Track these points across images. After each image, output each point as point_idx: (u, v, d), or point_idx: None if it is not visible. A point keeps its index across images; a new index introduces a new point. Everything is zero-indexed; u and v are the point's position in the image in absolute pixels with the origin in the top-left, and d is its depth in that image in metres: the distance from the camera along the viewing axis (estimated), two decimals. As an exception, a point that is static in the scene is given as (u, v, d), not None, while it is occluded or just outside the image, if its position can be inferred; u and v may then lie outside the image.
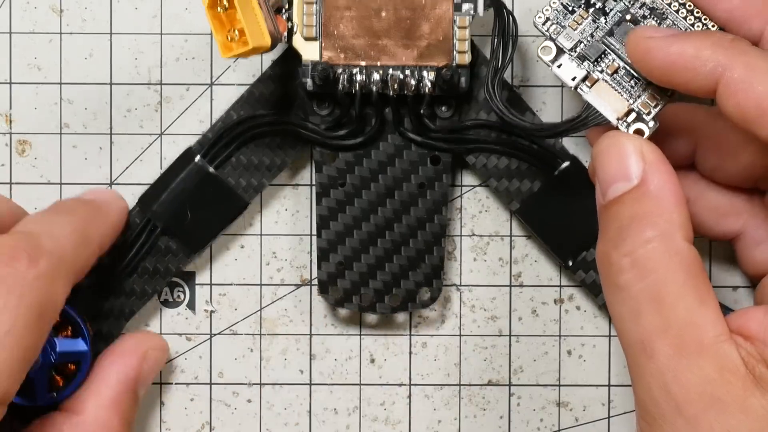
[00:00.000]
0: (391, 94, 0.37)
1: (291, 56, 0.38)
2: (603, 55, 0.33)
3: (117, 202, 0.39)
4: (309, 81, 0.37)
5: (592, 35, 0.34)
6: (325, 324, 0.41)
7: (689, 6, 0.33)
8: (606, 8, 0.34)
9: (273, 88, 0.39)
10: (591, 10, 0.34)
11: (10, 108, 0.41)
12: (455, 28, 0.37)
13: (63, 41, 0.41)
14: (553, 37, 0.34)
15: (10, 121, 0.41)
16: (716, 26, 0.33)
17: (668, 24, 0.33)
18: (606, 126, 0.33)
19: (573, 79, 0.33)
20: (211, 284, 0.41)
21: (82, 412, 0.36)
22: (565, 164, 0.38)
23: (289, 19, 0.37)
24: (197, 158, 0.39)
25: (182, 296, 0.41)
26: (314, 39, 0.37)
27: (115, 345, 0.38)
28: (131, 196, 0.40)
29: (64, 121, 0.41)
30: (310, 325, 0.41)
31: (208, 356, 0.41)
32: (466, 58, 0.37)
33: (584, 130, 0.35)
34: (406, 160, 0.39)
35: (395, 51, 0.37)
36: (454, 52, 0.37)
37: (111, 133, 0.41)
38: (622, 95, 0.33)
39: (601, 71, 0.33)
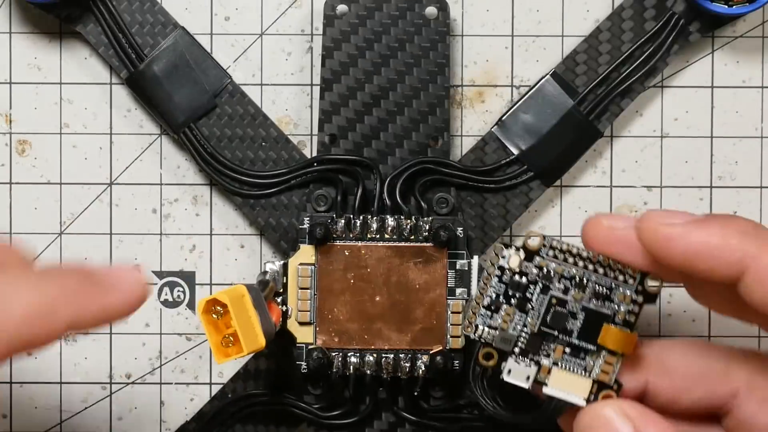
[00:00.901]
0: (385, 376, 0.38)
1: (285, 334, 0.38)
2: (545, 343, 0.32)
3: (131, 287, 0.33)
4: (303, 365, 0.38)
5: (525, 326, 0.32)
6: (325, 324, 0.41)
7: (608, 263, 0.32)
8: (527, 295, 0.32)
9: (267, 365, 0.40)
10: (514, 302, 0.32)
11: (10, 108, 0.41)
12: (449, 312, 0.38)
13: (63, 41, 0.41)
14: (491, 342, 0.32)
15: (10, 121, 0.41)
16: (639, 281, 0.32)
17: (590, 290, 0.32)
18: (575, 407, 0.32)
19: (527, 379, 0.32)
20: (211, 284, 0.41)
21: None
22: None
23: (284, 303, 0.37)
24: None
25: (182, 296, 0.41)
26: (309, 323, 0.37)
27: None
28: (131, 196, 0.40)
29: (64, 121, 0.41)
30: (310, 325, 0.41)
31: (208, 356, 0.41)
32: (460, 343, 0.37)
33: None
34: None
35: (389, 335, 0.38)
36: (448, 336, 0.38)
37: (111, 133, 0.41)
38: (580, 374, 0.32)
39: (549, 357, 0.32)
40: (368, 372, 0.38)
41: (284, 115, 0.41)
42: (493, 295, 0.32)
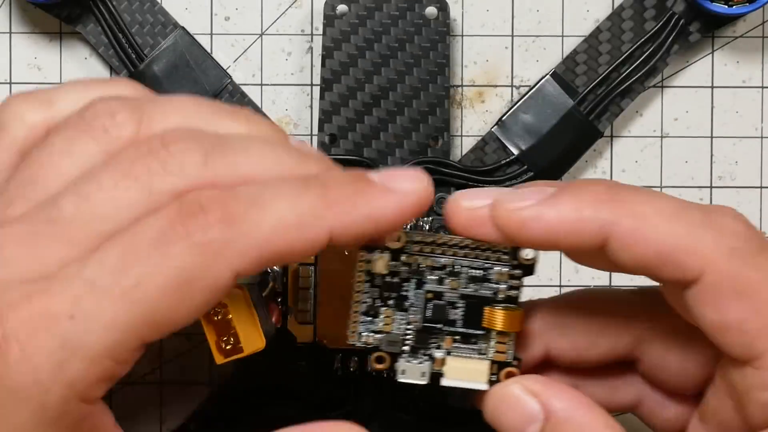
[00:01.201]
0: (385, 376, 0.38)
1: (285, 334, 0.38)
2: (433, 336, 0.31)
3: (407, 187, 0.29)
4: (303, 364, 0.38)
5: (409, 324, 0.31)
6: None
7: (477, 245, 0.31)
8: (402, 293, 0.31)
9: (267, 365, 0.39)
10: (391, 303, 0.31)
11: (10, 108, 0.41)
12: None
13: (63, 41, 0.41)
14: (378, 347, 0.31)
15: (10, 121, 0.41)
16: (512, 255, 0.31)
17: (465, 276, 0.31)
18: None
19: (423, 375, 0.31)
20: (211, 284, 0.41)
21: None
22: None
23: (284, 303, 0.37)
24: None
25: (182, 296, 0.41)
26: (309, 323, 0.37)
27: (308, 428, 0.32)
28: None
29: (64, 121, 0.41)
30: (310, 325, 0.41)
31: (207, 356, 0.41)
32: None
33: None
34: None
35: None
36: None
37: (111, 133, 0.41)
38: (474, 359, 0.31)
39: (440, 348, 0.31)
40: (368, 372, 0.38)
41: (284, 115, 0.41)
42: (369, 301, 0.31)
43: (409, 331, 0.31)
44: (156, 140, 0.28)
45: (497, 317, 0.31)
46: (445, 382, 0.31)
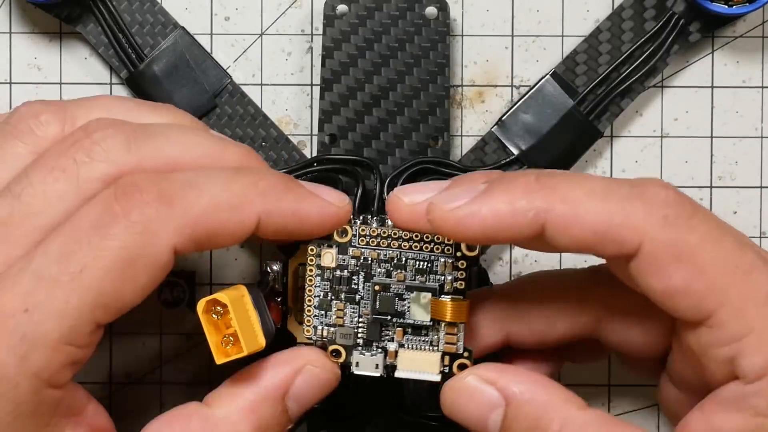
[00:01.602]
0: (385, 375, 0.38)
1: (285, 334, 0.37)
2: (384, 329, 0.32)
3: (329, 201, 0.32)
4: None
5: (360, 316, 0.32)
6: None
7: (421, 237, 0.31)
8: (353, 286, 0.32)
9: None
10: (342, 296, 0.32)
11: (10, 108, 0.41)
12: None
13: (63, 41, 0.41)
14: (333, 340, 0.32)
15: (10, 121, 0.41)
16: (455, 247, 0.31)
17: (411, 267, 0.31)
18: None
19: (377, 367, 0.32)
20: (211, 284, 0.41)
21: (215, 407, 0.32)
22: None
23: (284, 303, 0.37)
24: None
25: (182, 296, 0.41)
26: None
27: (275, 354, 0.33)
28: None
29: (64, 121, 0.41)
30: (310, 325, 0.41)
31: (207, 356, 0.41)
32: None
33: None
34: None
35: None
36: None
37: (111, 133, 0.41)
38: (426, 350, 0.32)
39: (393, 341, 0.32)
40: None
41: (284, 115, 0.41)
42: (321, 294, 0.32)
43: (361, 324, 0.32)
44: (79, 131, 0.29)
45: (444, 308, 0.31)
46: (398, 373, 0.32)
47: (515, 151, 0.40)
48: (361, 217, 0.32)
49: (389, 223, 0.34)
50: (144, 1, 0.40)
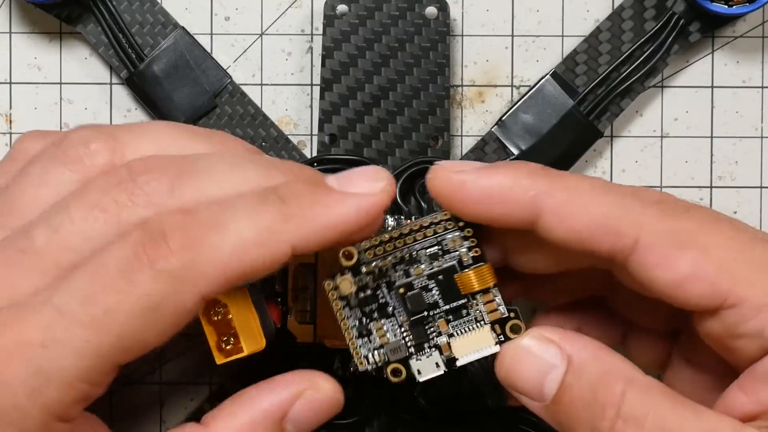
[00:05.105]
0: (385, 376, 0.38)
1: (285, 334, 0.37)
2: (427, 326, 0.31)
3: (364, 190, 0.30)
4: (304, 363, 0.37)
5: (400, 326, 0.31)
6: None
7: (419, 226, 0.31)
8: (380, 301, 0.31)
9: (266, 366, 0.39)
10: (375, 315, 0.31)
11: (10, 108, 0.41)
12: None
13: (63, 41, 0.41)
14: (388, 360, 0.31)
15: (10, 121, 0.41)
16: (455, 220, 0.31)
17: (425, 258, 0.31)
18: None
19: (437, 366, 0.31)
20: (211, 284, 0.41)
21: (212, 428, 0.32)
22: None
23: (284, 303, 0.37)
24: None
25: (182, 296, 0.41)
26: (308, 323, 0.37)
27: (277, 376, 0.32)
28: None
29: (64, 121, 0.41)
30: (310, 325, 0.41)
31: (207, 356, 0.41)
32: None
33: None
34: None
35: None
36: None
37: (111, 133, 0.41)
38: (475, 329, 0.31)
39: (441, 335, 0.31)
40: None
41: (284, 115, 0.41)
42: (356, 323, 0.31)
43: (405, 333, 0.31)
44: (124, 171, 0.29)
45: (470, 279, 0.31)
46: (459, 362, 0.31)
47: (515, 151, 0.40)
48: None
49: (387, 225, 0.34)
50: (144, 1, 0.40)
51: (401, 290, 0.31)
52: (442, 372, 0.31)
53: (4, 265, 0.28)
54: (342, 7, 0.39)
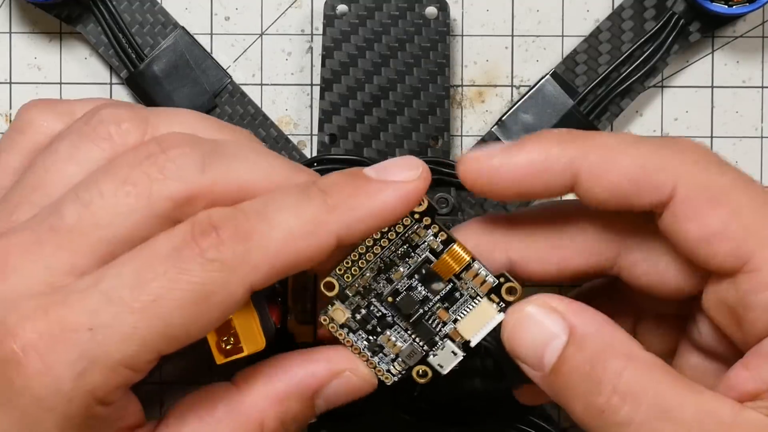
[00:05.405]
0: None
1: (285, 334, 0.37)
2: (428, 322, 0.31)
3: (403, 177, 0.30)
4: None
5: (405, 330, 0.32)
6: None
7: (385, 230, 0.31)
8: (378, 316, 0.31)
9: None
10: (379, 329, 0.32)
11: (10, 108, 0.41)
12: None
13: (63, 41, 0.41)
14: (409, 366, 0.32)
15: (10, 121, 0.41)
16: (411, 214, 0.31)
17: (398, 259, 0.31)
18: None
19: (455, 354, 0.31)
20: (211, 284, 0.41)
21: (244, 391, 0.31)
22: None
23: (284, 303, 0.37)
24: None
25: (182, 296, 0.41)
26: (308, 323, 0.37)
27: (321, 348, 0.32)
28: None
29: (64, 121, 0.41)
30: (310, 325, 0.41)
31: (208, 356, 0.41)
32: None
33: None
34: None
35: None
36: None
37: (111, 133, 0.41)
38: (474, 306, 0.31)
39: (445, 324, 0.31)
40: None
41: (284, 115, 0.41)
42: (365, 344, 0.32)
43: (411, 334, 0.32)
44: (154, 145, 0.28)
45: (447, 263, 0.31)
46: (473, 342, 0.31)
47: (515, 151, 0.40)
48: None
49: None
50: (144, 1, 0.40)
51: (389, 299, 0.32)
52: (462, 357, 0.31)
53: (36, 243, 0.28)
54: (342, 7, 0.39)
